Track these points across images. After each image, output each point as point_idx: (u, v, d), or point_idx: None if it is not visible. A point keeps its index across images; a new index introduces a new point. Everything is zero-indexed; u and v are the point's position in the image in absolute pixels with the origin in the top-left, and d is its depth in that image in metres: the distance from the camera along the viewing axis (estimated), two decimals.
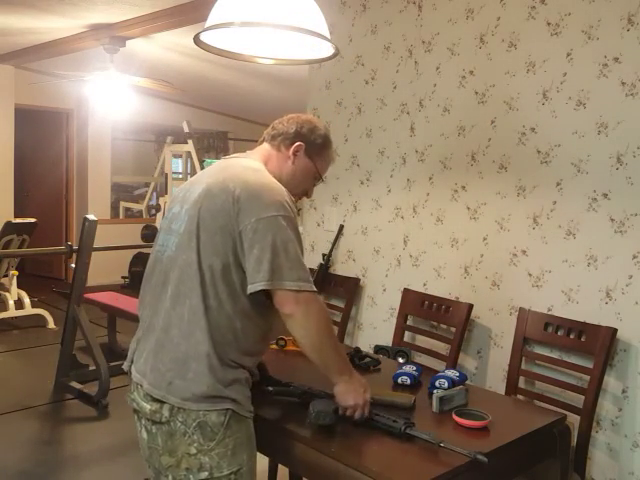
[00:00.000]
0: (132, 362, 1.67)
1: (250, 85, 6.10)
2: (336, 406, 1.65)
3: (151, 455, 1.60)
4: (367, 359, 2.21)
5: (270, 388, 1.75)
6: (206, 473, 1.51)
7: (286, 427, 1.67)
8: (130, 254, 6.77)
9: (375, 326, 3.08)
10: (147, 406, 1.56)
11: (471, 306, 2.58)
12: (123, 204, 8.01)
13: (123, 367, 1.70)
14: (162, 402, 1.53)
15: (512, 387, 2.38)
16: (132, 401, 1.63)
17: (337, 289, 3.19)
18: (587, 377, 2.20)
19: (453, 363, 2.55)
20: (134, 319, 1.79)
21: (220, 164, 1.73)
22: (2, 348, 4.98)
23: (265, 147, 1.77)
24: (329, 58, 1.86)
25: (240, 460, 1.54)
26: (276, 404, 1.79)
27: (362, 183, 3.11)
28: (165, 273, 1.61)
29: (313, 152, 1.76)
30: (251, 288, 1.50)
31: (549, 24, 2.38)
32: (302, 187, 1.80)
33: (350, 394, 1.64)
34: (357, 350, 2.24)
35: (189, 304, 1.54)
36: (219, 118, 8.24)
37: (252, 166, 1.68)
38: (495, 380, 2.58)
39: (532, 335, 2.38)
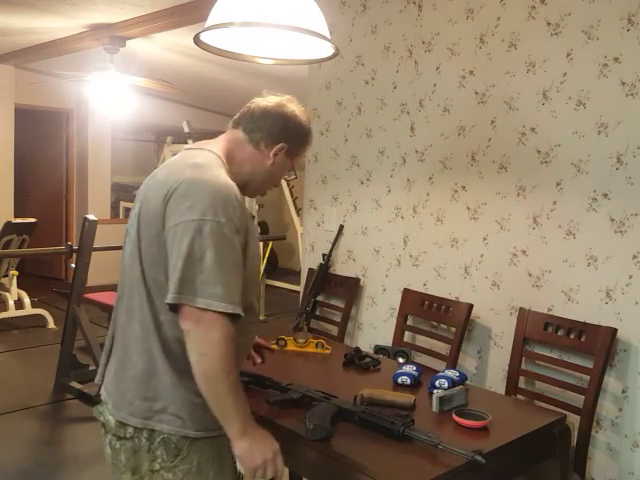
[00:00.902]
0: (103, 377, 1.59)
1: (250, 85, 6.10)
2: (333, 413, 1.64)
3: (113, 472, 1.52)
4: (367, 359, 2.21)
5: (269, 399, 1.74)
6: None
7: (286, 427, 1.67)
8: None
9: (375, 326, 3.08)
10: (112, 420, 1.48)
11: (471, 306, 2.58)
12: (123, 204, 8.01)
13: (95, 381, 1.61)
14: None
15: (512, 387, 2.38)
16: (100, 414, 1.54)
17: (337, 289, 3.19)
18: (587, 377, 2.20)
19: (453, 363, 2.55)
20: None
21: (173, 157, 1.59)
22: (2, 348, 4.99)
23: (238, 137, 1.59)
24: (329, 58, 1.86)
25: (205, 477, 1.46)
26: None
27: (362, 183, 3.11)
28: (122, 284, 1.52)
29: (293, 152, 1.62)
30: (168, 298, 1.34)
31: (549, 24, 2.38)
32: (274, 182, 1.68)
33: (256, 452, 1.40)
34: (357, 350, 2.24)
35: (140, 319, 1.45)
36: (219, 118, 8.23)
37: (197, 161, 1.48)
38: (495, 380, 2.58)
39: (532, 335, 2.38)
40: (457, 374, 1.99)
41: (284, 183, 7.22)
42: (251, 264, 1.50)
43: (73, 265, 4.14)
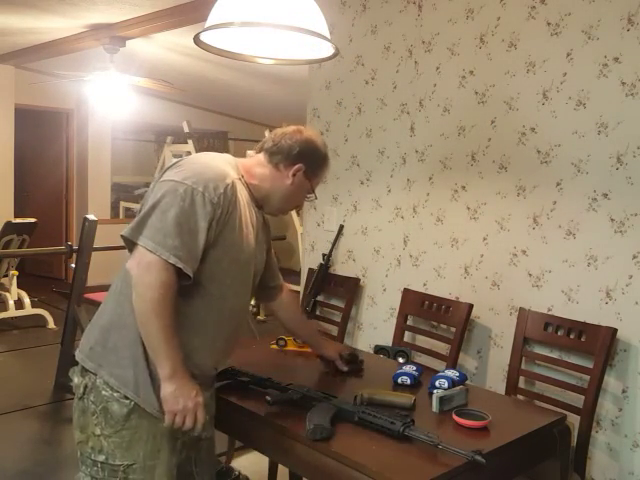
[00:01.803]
0: None
1: (250, 85, 6.10)
2: (333, 413, 1.65)
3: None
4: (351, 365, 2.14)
5: (268, 398, 1.74)
6: (103, 457, 1.54)
7: (286, 427, 1.67)
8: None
9: (375, 326, 3.08)
10: (74, 379, 1.60)
11: (471, 306, 2.58)
12: (123, 204, 8.01)
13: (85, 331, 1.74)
14: (82, 377, 1.57)
15: (512, 387, 2.38)
16: (72, 374, 1.64)
17: (337, 289, 3.19)
18: (587, 377, 2.20)
19: (453, 363, 2.55)
20: None
21: None
22: (2, 348, 4.99)
23: (261, 158, 1.75)
24: (329, 58, 1.86)
25: (135, 455, 1.54)
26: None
27: (362, 183, 3.11)
28: None
29: (311, 173, 1.76)
30: (123, 231, 1.51)
31: (549, 24, 2.38)
32: (295, 203, 1.84)
33: (179, 398, 1.50)
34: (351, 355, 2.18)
35: (122, 276, 1.58)
36: (219, 118, 8.24)
37: (209, 152, 1.72)
38: (495, 380, 2.58)
39: (532, 335, 2.38)
40: (457, 374, 1.99)
41: None
42: (231, 250, 1.60)
43: (73, 265, 4.14)
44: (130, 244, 1.51)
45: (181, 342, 1.54)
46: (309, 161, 1.74)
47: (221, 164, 1.63)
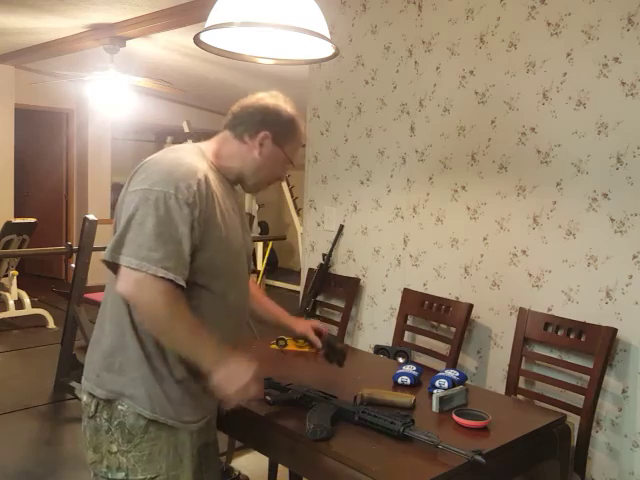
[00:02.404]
0: None
1: (250, 85, 6.09)
2: (333, 413, 1.65)
3: (83, 448, 1.58)
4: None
5: (268, 398, 1.74)
6: (123, 474, 1.49)
7: (286, 427, 1.67)
8: None
9: (375, 326, 3.08)
10: (83, 398, 1.56)
11: (471, 306, 2.58)
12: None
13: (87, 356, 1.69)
14: (92, 396, 1.52)
15: (512, 387, 2.38)
16: (79, 392, 1.61)
17: (337, 289, 3.19)
18: (587, 377, 2.20)
19: (453, 363, 2.55)
20: None
21: None
22: (2, 348, 4.99)
23: (225, 135, 1.65)
24: (329, 58, 1.86)
25: (157, 468, 1.49)
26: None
27: (362, 183, 3.11)
28: None
29: (280, 139, 1.63)
30: (103, 255, 1.42)
31: (549, 24, 2.38)
32: (272, 175, 1.70)
33: (231, 380, 1.47)
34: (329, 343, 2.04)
35: (112, 296, 1.51)
36: (219, 118, 8.18)
37: (171, 147, 1.62)
38: (495, 380, 2.58)
39: (532, 335, 2.38)
40: (457, 374, 1.99)
41: (284, 183, 7.21)
42: (220, 246, 1.53)
43: (73, 265, 4.14)
44: (113, 266, 1.42)
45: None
46: (274, 126, 1.61)
47: (187, 158, 1.52)
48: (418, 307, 2.76)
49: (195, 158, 1.54)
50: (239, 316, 1.69)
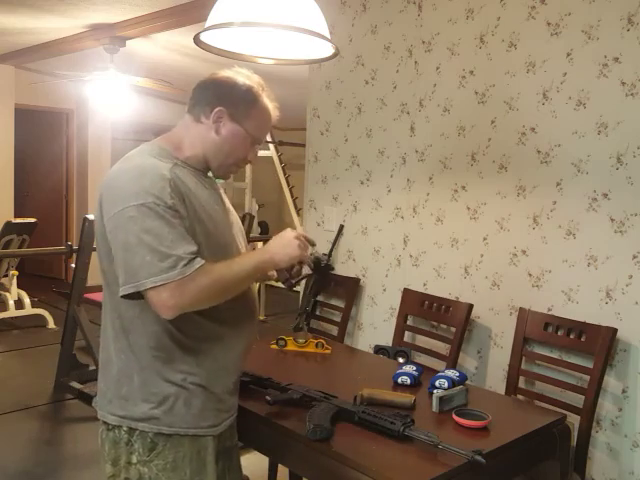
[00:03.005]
0: None
1: None
2: (333, 413, 1.65)
3: (101, 461, 1.55)
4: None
5: (268, 398, 1.74)
6: None
7: (286, 427, 1.67)
8: None
9: (375, 326, 3.08)
10: (100, 411, 1.54)
11: (471, 306, 2.58)
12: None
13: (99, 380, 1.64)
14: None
15: (512, 387, 2.38)
16: (96, 404, 1.58)
17: (337, 289, 3.19)
18: (587, 377, 2.20)
19: (453, 363, 2.55)
20: None
21: None
22: (2, 348, 4.99)
23: (186, 120, 1.55)
24: (329, 58, 1.86)
25: (181, 474, 1.47)
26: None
27: (362, 183, 3.10)
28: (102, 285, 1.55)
29: (238, 115, 1.50)
30: (120, 291, 1.36)
31: (549, 24, 2.38)
32: (236, 156, 1.56)
33: (285, 248, 1.49)
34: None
35: (110, 320, 1.49)
36: None
37: (128, 154, 1.51)
38: (495, 380, 2.58)
39: (532, 335, 2.38)
40: (457, 374, 1.99)
41: (284, 183, 7.22)
42: (210, 240, 1.47)
43: (73, 265, 4.14)
44: (137, 295, 1.36)
45: (215, 339, 1.50)
46: (229, 100, 1.49)
47: (147, 163, 1.43)
48: (418, 307, 2.76)
49: (155, 161, 1.45)
50: (252, 306, 1.64)
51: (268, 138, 6.78)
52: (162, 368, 1.46)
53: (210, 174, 1.61)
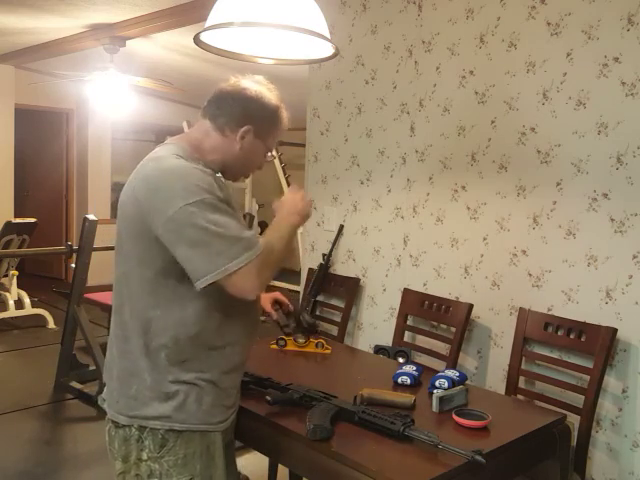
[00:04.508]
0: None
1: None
2: (333, 413, 1.65)
3: (110, 458, 1.57)
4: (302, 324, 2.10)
5: (268, 398, 1.74)
6: None
7: (286, 427, 1.67)
8: None
9: (375, 326, 3.08)
10: (108, 410, 1.54)
11: (471, 306, 2.58)
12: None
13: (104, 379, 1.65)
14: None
15: (512, 387, 2.38)
16: (103, 401, 1.59)
17: (337, 289, 3.19)
18: (587, 377, 2.20)
19: (453, 363, 2.55)
20: None
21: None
22: (2, 348, 4.99)
23: (205, 126, 1.60)
24: (329, 58, 1.86)
25: (192, 469, 1.50)
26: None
27: (362, 183, 3.10)
28: (114, 286, 1.57)
29: (263, 132, 1.59)
30: (198, 285, 1.40)
31: (549, 24, 2.38)
32: (252, 166, 1.67)
33: (290, 204, 1.60)
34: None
35: (121, 320, 1.51)
36: None
37: (157, 155, 1.52)
38: (495, 380, 2.58)
39: (532, 335, 2.38)
40: (457, 374, 1.99)
41: (284, 183, 7.22)
42: None
43: (73, 265, 4.14)
44: (217, 282, 1.40)
45: (229, 337, 1.54)
46: (257, 120, 1.56)
47: (173, 161, 1.47)
48: (418, 307, 2.76)
49: (180, 160, 1.49)
50: (256, 309, 1.69)
51: None
52: (175, 368, 1.48)
53: (219, 175, 1.65)
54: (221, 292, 1.44)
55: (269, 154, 1.66)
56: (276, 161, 7.25)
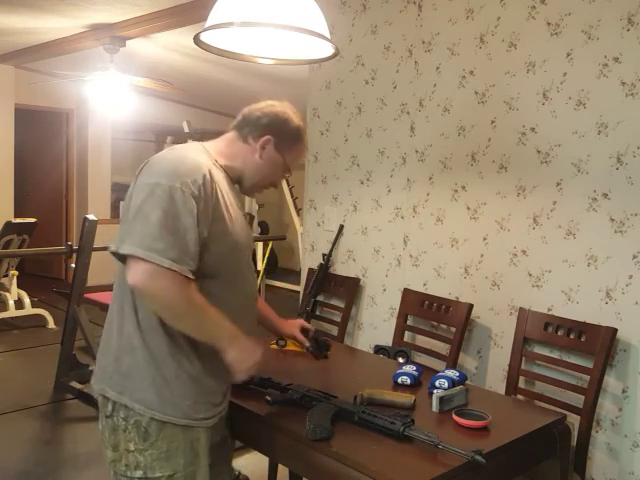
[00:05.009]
0: None
1: (250, 85, 6.10)
2: (333, 413, 1.65)
3: (102, 447, 1.60)
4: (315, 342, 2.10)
5: (268, 398, 1.74)
6: (141, 472, 1.51)
7: (286, 427, 1.67)
8: None
9: (375, 326, 3.08)
10: (99, 399, 1.58)
11: (471, 306, 2.58)
12: (123, 204, 8.00)
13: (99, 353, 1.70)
14: (107, 397, 1.54)
15: (512, 387, 2.38)
16: (93, 391, 1.62)
17: (337, 289, 3.19)
18: (587, 377, 2.20)
19: (453, 363, 2.55)
20: None
21: None
22: (2, 348, 4.99)
23: (230, 135, 1.69)
24: (329, 58, 1.86)
25: (175, 464, 1.52)
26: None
27: (362, 183, 3.11)
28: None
29: (283, 146, 1.67)
30: (111, 247, 1.45)
31: (549, 24, 2.38)
32: (268, 180, 1.73)
33: (243, 359, 1.54)
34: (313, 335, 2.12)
35: (119, 297, 1.55)
36: (219, 118, 8.23)
37: (176, 146, 1.63)
38: (495, 380, 2.58)
39: (532, 335, 2.38)
40: (457, 374, 1.99)
41: (284, 183, 7.22)
42: (228, 238, 1.56)
43: (73, 265, 4.14)
44: (121, 258, 1.44)
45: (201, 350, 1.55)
46: (278, 132, 1.65)
47: (192, 154, 1.56)
48: (418, 307, 2.76)
49: (199, 155, 1.57)
50: (250, 308, 1.70)
51: None
52: (166, 349, 1.50)
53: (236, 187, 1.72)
54: (210, 287, 1.50)
55: (286, 172, 1.73)
56: None
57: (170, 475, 1.51)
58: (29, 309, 5.60)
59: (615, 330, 2.17)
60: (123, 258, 1.43)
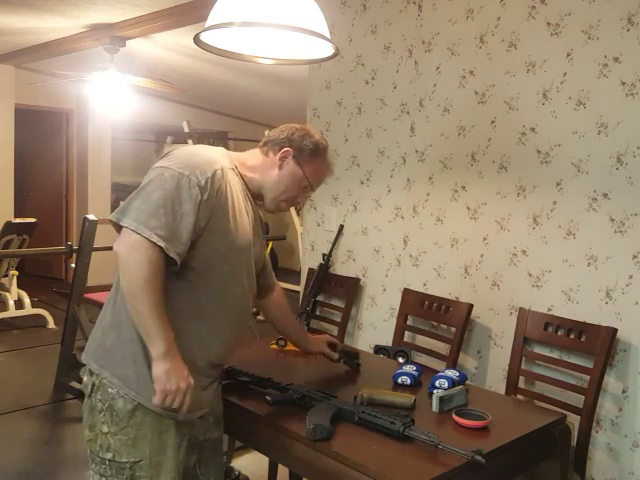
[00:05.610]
0: None
1: (250, 85, 6.10)
2: (333, 413, 1.65)
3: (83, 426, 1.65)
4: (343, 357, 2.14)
5: (268, 398, 1.74)
6: (110, 455, 1.56)
7: (286, 427, 1.67)
8: None
9: (375, 326, 3.08)
10: (84, 378, 1.63)
11: (471, 306, 2.58)
12: (123, 204, 8.00)
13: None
14: (90, 374, 1.59)
15: (512, 387, 2.38)
16: (82, 374, 1.68)
17: (337, 289, 3.19)
18: (587, 377, 2.20)
19: (453, 363, 2.55)
20: None
21: None
22: (2, 348, 4.99)
23: (254, 150, 1.77)
24: (329, 58, 1.86)
25: (141, 452, 1.55)
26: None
27: (362, 183, 3.11)
28: None
29: (302, 159, 1.70)
30: (111, 215, 1.53)
31: (549, 24, 2.38)
32: (289, 194, 1.73)
33: (172, 378, 1.48)
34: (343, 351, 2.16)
35: (116, 277, 1.58)
36: (219, 118, 8.23)
37: (201, 145, 1.73)
38: (495, 380, 2.58)
39: (532, 335, 2.38)
40: (457, 374, 1.99)
41: None
42: (226, 237, 1.59)
43: (73, 265, 4.14)
44: (117, 227, 1.51)
45: (189, 331, 1.57)
46: (298, 145, 1.69)
47: (211, 152, 1.63)
48: (418, 307, 2.76)
49: (218, 156, 1.62)
50: (239, 311, 1.70)
51: None
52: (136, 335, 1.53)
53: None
54: (197, 280, 1.56)
55: (308, 189, 1.74)
56: None
57: (136, 461, 1.55)
58: (29, 309, 5.60)
59: (615, 330, 2.17)
60: (117, 226, 1.51)
